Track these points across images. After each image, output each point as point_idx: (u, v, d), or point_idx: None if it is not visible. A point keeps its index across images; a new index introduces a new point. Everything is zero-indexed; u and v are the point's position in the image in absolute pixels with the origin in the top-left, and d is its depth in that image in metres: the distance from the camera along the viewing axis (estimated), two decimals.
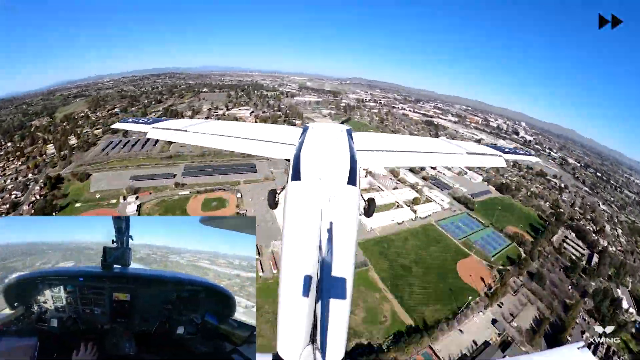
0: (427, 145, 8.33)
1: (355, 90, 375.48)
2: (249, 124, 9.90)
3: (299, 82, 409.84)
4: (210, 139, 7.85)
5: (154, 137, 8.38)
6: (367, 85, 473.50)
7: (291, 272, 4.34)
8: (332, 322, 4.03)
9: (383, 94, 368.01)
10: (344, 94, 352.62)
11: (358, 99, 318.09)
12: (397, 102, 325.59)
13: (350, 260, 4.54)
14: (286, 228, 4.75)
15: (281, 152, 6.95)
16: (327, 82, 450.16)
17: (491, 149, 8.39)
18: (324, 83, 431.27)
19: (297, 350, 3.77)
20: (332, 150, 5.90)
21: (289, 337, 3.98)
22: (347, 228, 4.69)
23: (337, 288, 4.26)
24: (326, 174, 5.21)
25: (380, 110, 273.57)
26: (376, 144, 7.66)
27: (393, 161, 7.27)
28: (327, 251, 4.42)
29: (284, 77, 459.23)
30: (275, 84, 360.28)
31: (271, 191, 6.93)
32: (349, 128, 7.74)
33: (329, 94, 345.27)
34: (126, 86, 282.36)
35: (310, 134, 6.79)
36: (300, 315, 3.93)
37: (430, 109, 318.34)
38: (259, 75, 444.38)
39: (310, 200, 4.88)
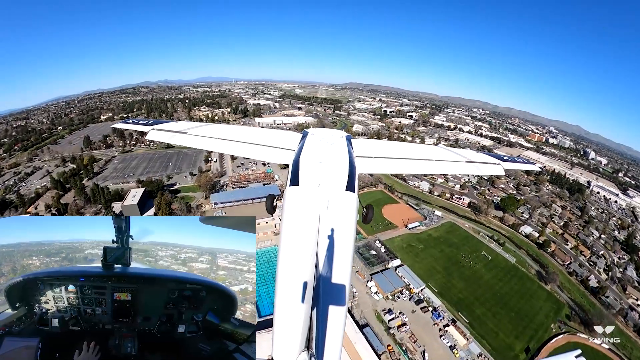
0: (426, 152, 8.29)
1: (358, 97, 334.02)
2: (250, 128, 9.92)
3: (285, 90, 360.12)
4: (210, 142, 7.90)
5: (154, 138, 8.40)
6: (365, 89, 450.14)
7: (288, 277, 4.31)
8: (328, 329, 4.01)
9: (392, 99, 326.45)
10: (345, 102, 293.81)
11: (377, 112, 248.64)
12: (418, 110, 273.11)
13: (347, 267, 4.51)
14: (284, 233, 4.72)
15: (280, 157, 6.96)
16: (321, 88, 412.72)
17: (490, 157, 8.32)
18: (317, 89, 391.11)
19: (292, 356, 3.78)
20: (331, 156, 5.90)
21: (285, 343, 3.98)
22: (345, 234, 4.67)
23: (333, 295, 4.24)
24: (325, 180, 5.21)
25: (415, 125, 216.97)
26: (375, 150, 7.63)
27: (392, 168, 7.26)
28: (324, 257, 4.41)
29: (270, 84, 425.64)
30: (246, 94, 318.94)
31: (269, 196, 6.96)
32: (348, 134, 7.75)
33: (323, 105, 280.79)
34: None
35: (310, 139, 6.82)
36: (296, 321, 3.93)
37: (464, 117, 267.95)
38: (239, 84, 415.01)
39: (308, 205, 4.87)
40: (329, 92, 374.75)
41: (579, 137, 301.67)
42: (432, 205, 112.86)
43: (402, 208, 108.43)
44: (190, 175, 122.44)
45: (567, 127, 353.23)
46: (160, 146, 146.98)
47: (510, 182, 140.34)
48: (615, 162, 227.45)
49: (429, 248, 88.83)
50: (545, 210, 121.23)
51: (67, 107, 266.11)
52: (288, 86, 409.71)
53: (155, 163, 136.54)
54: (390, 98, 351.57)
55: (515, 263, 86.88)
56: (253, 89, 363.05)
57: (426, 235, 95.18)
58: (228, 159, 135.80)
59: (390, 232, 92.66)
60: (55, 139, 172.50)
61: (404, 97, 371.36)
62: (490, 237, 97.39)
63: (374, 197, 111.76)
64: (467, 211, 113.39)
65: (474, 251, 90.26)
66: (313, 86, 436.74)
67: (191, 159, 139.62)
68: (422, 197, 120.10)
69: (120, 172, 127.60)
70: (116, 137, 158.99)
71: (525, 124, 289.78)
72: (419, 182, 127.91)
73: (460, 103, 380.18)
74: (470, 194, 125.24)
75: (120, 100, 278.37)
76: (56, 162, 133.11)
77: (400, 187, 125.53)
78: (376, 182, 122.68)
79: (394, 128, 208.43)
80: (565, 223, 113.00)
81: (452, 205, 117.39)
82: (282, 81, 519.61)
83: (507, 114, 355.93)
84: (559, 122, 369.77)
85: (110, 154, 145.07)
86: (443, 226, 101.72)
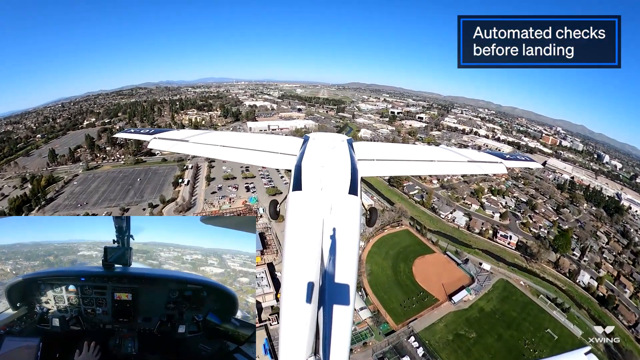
0: (427, 153, 8.34)
1: (361, 97, 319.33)
2: (251, 134, 10.01)
3: (286, 90, 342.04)
4: (212, 150, 7.94)
5: (156, 147, 8.45)
6: (368, 89, 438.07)
7: (293, 282, 4.31)
8: (335, 332, 4.01)
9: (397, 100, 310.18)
10: (348, 103, 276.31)
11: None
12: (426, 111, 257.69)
13: (352, 270, 4.52)
14: (288, 238, 4.76)
15: (282, 163, 7.02)
16: (323, 88, 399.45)
17: (492, 156, 8.33)
18: (319, 89, 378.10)
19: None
20: (333, 160, 5.96)
21: (292, 348, 3.97)
22: (349, 237, 4.71)
23: (339, 298, 4.26)
24: (327, 184, 5.26)
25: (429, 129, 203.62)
26: (377, 153, 7.69)
27: (394, 170, 7.33)
28: (329, 261, 4.43)
29: (271, 85, 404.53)
30: (244, 95, 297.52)
31: (272, 201, 6.99)
32: (349, 138, 7.79)
33: (325, 106, 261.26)
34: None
35: (311, 144, 6.85)
36: (303, 325, 3.91)
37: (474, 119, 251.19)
38: (239, 85, 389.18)
39: (311, 210, 4.92)
40: (331, 93, 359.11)
41: (585, 137, 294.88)
42: (475, 251, 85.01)
43: (439, 261, 77.69)
44: (150, 207, 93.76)
45: (571, 127, 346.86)
46: (128, 161, 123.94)
47: (547, 202, 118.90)
48: (627, 165, 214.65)
49: (484, 335, 61.78)
50: (592, 240, 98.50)
51: (61, 110, 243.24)
52: (289, 86, 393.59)
53: (116, 186, 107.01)
54: (394, 98, 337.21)
55: (581, 337, 64.51)
56: (253, 90, 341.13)
57: (477, 310, 68.27)
58: (202, 181, 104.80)
59: (428, 313, 63.54)
60: (30, 149, 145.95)
61: (408, 97, 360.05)
62: (552, 300, 74.64)
63: (399, 244, 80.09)
64: (517, 256, 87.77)
65: (537, 328, 65.58)
66: (315, 86, 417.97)
67: (160, 179, 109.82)
68: (459, 236, 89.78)
69: (74, 200, 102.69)
70: (86, 149, 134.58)
71: (531, 124, 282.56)
72: (451, 211, 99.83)
73: (465, 103, 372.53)
74: (513, 225, 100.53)
75: (114, 103, 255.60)
76: (16, 181, 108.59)
77: (429, 220, 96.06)
78: (399, 217, 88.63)
79: (406, 133, 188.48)
80: (616, 259, 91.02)
81: (499, 248, 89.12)
82: (283, 81, 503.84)
83: (511, 113, 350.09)
84: (563, 122, 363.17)
85: (73, 171, 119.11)
86: (495, 289, 76.49)
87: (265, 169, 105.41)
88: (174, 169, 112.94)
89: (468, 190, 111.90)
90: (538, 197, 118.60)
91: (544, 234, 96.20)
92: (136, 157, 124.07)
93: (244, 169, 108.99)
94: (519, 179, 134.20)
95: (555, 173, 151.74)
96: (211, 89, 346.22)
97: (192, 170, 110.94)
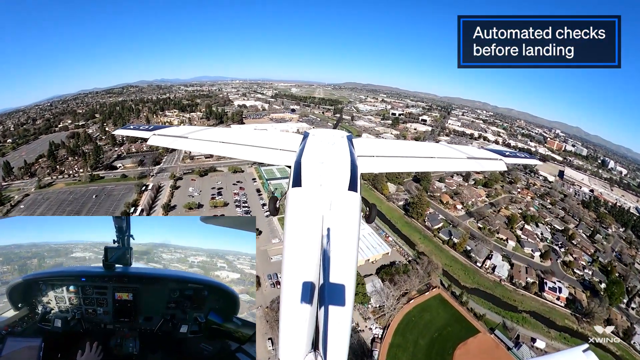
0: (427, 150, 8.37)
1: (359, 97, 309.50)
2: (250, 130, 10.00)
3: (281, 89, 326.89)
4: (211, 146, 7.96)
5: (155, 143, 8.42)
6: (364, 89, 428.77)
7: (293, 278, 4.32)
8: (334, 329, 4.01)
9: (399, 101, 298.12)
10: (345, 103, 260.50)
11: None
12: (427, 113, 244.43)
13: (352, 267, 4.54)
14: (287, 234, 4.77)
15: (282, 159, 7.02)
16: (319, 87, 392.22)
17: (492, 153, 8.34)
18: (314, 89, 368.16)
19: (300, 357, 3.79)
20: (332, 156, 5.95)
21: (291, 345, 3.98)
22: (349, 234, 4.72)
23: (339, 294, 4.26)
24: (327, 180, 5.25)
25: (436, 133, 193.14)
26: (376, 149, 7.68)
27: (393, 166, 7.32)
28: (328, 257, 4.43)
29: (266, 84, 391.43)
30: (235, 94, 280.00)
31: (272, 198, 7.01)
32: (349, 134, 7.80)
33: (321, 106, 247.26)
34: None
35: (311, 140, 6.86)
36: (302, 322, 3.92)
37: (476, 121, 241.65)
38: (233, 84, 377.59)
39: (311, 206, 4.92)
40: (327, 92, 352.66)
41: (582, 139, 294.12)
42: (522, 316, 63.45)
43: (486, 345, 53.99)
44: None
45: (567, 129, 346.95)
46: (84, 178, 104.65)
47: (580, 228, 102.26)
48: (629, 169, 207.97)
49: None
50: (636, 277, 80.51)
51: (49, 109, 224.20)
52: (284, 85, 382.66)
53: (62, 212, 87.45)
54: (392, 98, 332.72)
55: None
56: (247, 88, 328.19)
57: None
58: (159, 211, 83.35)
59: None
60: None
61: (405, 97, 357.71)
62: None
63: (431, 324, 55.93)
64: (567, 316, 66.47)
65: None
66: (310, 85, 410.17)
67: (112, 204, 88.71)
68: (501, 293, 68.23)
69: None
70: (48, 160, 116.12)
71: (530, 126, 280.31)
72: (488, 254, 78.55)
73: (462, 104, 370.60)
74: (555, 266, 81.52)
75: (101, 102, 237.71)
76: None
77: (463, 272, 72.79)
78: (428, 274, 66.34)
79: (413, 138, 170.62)
80: None
81: (548, 307, 67.63)
82: (278, 80, 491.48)
83: (508, 115, 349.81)
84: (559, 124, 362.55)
85: (27, 189, 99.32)
86: None
87: (242, 193, 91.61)
88: (131, 190, 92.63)
89: (498, 218, 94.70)
90: (570, 221, 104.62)
91: (588, 276, 78.66)
92: (93, 173, 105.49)
93: (216, 193, 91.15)
94: (544, 197, 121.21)
95: (575, 186, 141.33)
96: (204, 87, 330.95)
97: (152, 192, 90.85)
